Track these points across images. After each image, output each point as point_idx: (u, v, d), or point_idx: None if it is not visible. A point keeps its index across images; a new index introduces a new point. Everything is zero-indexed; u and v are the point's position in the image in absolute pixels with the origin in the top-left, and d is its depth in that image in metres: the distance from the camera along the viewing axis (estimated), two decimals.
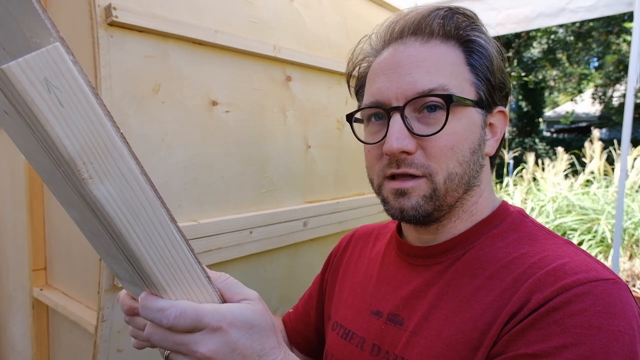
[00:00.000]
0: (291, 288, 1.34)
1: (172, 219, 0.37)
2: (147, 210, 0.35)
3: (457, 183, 0.56)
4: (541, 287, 0.47)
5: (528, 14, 2.48)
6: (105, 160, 0.32)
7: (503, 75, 0.59)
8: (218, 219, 1.04)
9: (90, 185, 0.31)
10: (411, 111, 0.56)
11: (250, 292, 0.44)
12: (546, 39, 9.98)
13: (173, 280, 0.38)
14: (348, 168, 1.48)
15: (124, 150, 0.33)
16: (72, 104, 0.30)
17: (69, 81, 0.29)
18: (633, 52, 2.09)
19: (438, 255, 0.60)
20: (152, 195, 0.35)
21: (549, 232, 0.58)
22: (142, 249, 0.35)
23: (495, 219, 0.60)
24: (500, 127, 0.62)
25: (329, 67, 1.34)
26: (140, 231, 0.35)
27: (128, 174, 0.33)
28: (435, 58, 0.56)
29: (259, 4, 1.14)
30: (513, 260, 0.53)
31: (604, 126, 10.45)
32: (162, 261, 0.37)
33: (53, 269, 1.21)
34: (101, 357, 0.89)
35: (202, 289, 0.40)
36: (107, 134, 0.32)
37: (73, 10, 1.01)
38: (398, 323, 0.60)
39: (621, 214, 2.21)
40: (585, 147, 4.98)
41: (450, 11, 0.58)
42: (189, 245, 0.38)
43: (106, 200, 0.32)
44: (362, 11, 1.59)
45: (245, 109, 1.10)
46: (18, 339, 1.35)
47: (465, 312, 0.53)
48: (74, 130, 0.30)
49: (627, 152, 2.25)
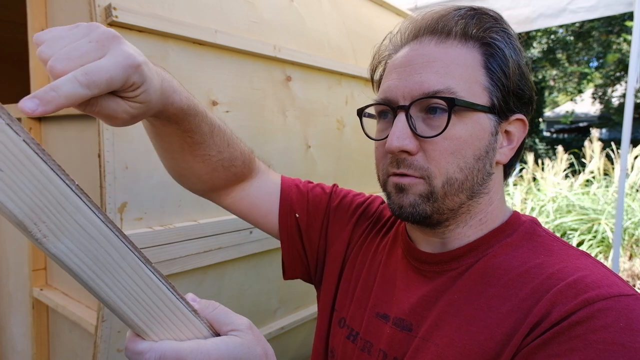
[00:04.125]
0: (291, 288, 1.34)
1: (146, 260, 0.36)
2: (115, 258, 0.34)
3: (457, 188, 0.55)
4: (562, 300, 0.46)
5: (528, 14, 2.48)
6: (59, 216, 0.30)
7: (522, 80, 0.56)
8: (218, 219, 1.04)
9: (46, 245, 0.30)
10: (417, 111, 0.55)
11: (241, 321, 0.42)
12: (546, 38, 9.98)
13: (153, 321, 0.37)
14: (348, 168, 1.48)
15: (79, 202, 0.31)
16: (11, 166, 0.28)
17: (4, 143, 0.27)
18: (633, 52, 2.09)
19: (449, 262, 0.59)
20: (119, 242, 0.34)
21: (563, 242, 0.56)
22: (113, 297, 0.34)
23: (509, 228, 0.58)
24: (518, 135, 0.59)
25: (329, 67, 1.34)
26: (109, 280, 0.34)
27: (88, 225, 0.32)
28: (448, 59, 0.54)
29: (259, 4, 1.14)
30: (529, 270, 0.52)
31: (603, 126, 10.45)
32: (138, 305, 0.36)
33: (53, 269, 1.21)
34: (101, 357, 0.89)
35: (187, 324, 0.39)
36: (57, 189, 0.30)
37: (73, 10, 1.01)
38: (406, 329, 0.59)
39: (621, 214, 2.21)
40: (585, 147, 4.98)
41: (473, 11, 0.56)
42: (167, 282, 0.37)
43: (67, 256, 0.31)
44: (362, 11, 1.59)
45: (245, 109, 1.10)
46: (18, 339, 1.35)
47: (480, 320, 0.52)
48: (17, 192, 0.28)
49: (627, 152, 2.25)
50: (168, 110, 0.52)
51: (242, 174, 0.73)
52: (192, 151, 0.63)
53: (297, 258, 0.78)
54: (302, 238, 0.77)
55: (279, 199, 0.77)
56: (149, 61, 0.45)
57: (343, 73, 1.41)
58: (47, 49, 0.37)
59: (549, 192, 4.47)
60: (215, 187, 0.72)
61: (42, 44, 0.37)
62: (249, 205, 0.76)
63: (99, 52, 0.38)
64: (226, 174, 0.70)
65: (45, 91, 0.33)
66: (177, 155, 0.65)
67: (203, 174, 0.68)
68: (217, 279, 1.09)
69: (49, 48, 0.37)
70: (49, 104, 0.32)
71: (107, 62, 0.37)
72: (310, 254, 0.78)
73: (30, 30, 1.12)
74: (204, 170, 0.67)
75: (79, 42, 0.37)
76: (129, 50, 0.40)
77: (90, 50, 0.37)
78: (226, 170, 0.69)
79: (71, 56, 0.36)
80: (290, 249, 0.78)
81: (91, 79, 0.35)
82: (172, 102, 0.52)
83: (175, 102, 0.53)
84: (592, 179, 4.62)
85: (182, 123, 0.57)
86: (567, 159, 4.97)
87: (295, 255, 0.78)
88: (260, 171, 0.77)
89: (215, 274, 1.08)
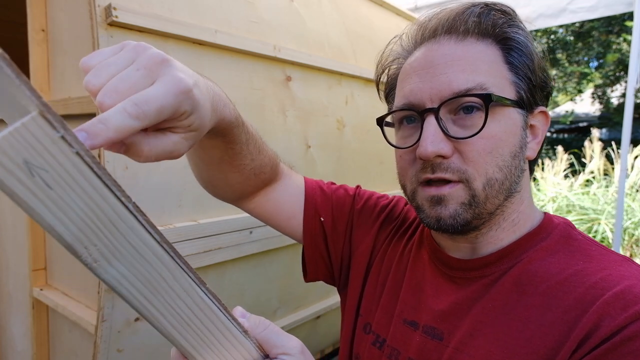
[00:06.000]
0: (291, 288, 1.34)
1: (200, 282, 0.34)
2: (169, 281, 0.32)
3: (497, 189, 0.52)
4: (611, 313, 0.44)
5: (528, 14, 2.48)
6: (112, 238, 0.28)
7: (544, 73, 0.56)
8: (218, 219, 1.04)
9: (97, 270, 0.28)
10: (446, 112, 0.53)
11: (292, 343, 0.40)
12: (546, 38, 9.98)
13: (202, 345, 0.35)
14: (348, 168, 1.48)
15: (134, 222, 0.29)
16: (62, 182, 0.25)
17: (56, 157, 0.24)
18: (633, 52, 2.09)
19: (481, 268, 0.56)
20: (173, 264, 0.32)
21: (602, 246, 0.54)
22: (163, 322, 0.32)
23: (542, 231, 0.56)
24: (542, 128, 0.57)
25: (329, 67, 1.34)
26: (160, 305, 0.32)
27: (141, 247, 0.30)
28: (472, 56, 0.52)
29: (259, 4, 1.14)
30: (569, 278, 0.50)
31: (603, 126, 10.44)
32: (188, 329, 0.34)
33: (53, 269, 1.21)
34: (101, 357, 0.89)
35: (236, 346, 0.37)
36: (111, 208, 0.27)
37: (73, 10, 1.01)
38: (437, 337, 0.56)
39: (621, 214, 2.21)
40: (585, 147, 4.98)
41: (487, 7, 0.55)
42: (219, 302, 0.36)
43: (117, 282, 0.29)
44: (362, 11, 1.59)
45: (245, 109, 1.09)
46: (18, 339, 1.35)
47: (518, 332, 0.50)
48: (68, 212, 0.26)
49: (627, 152, 2.25)
50: (219, 125, 0.49)
51: (269, 179, 0.71)
52: (231, 162, 0.61)
53: (321, 261, 0.76)
54: (326, 241, 0.75)
55: (304, 202, 0.74)
56: (199, 77, 0.42)
57: (343, 73, 1.41)
58: (95, 78, 0.34)
59: (549, 192, 4.47)
60: (244, 194, 0.70)
61: (88, 72, 0.35)
62: (272, 209, 0.74)
63: (148, 79, 0.35)
64: (256, 181, 0.68)
65: (94, 124, 0.30)
66: (214, 167, 0.62)
67: (235, 183, 0.65)
68: (217, 279, 1.09)
69: (97, 77, 0.34)
70: (97, 137, 0.30)
71: (157, 90, 0.35)
72: (335, 258, 0.76)
73: (30, 31, 1.12)
74: (237, 180, 0.65)
75: (127, 71, 0.35)
76: (179, 75, 0.37)
77: (139, 80, 0.35)
78: (257, 177, 0.67)
79: (119, 89, 0.33)
80: (314, 252, 0.76)
81: (140, 110, 0.33)
82: (223, 117, 0.49)
83: (226, 117, 0.50)
84: (592, 179, 4.62)
85: (228, 136, 0.54)
86: (567, 159, 4.97)
87: (318, 258, 0.76)
88: (284, 174, 0.75)
89: (215, 274, 1.08)
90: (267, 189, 0.72)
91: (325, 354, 1.65)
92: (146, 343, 0.97)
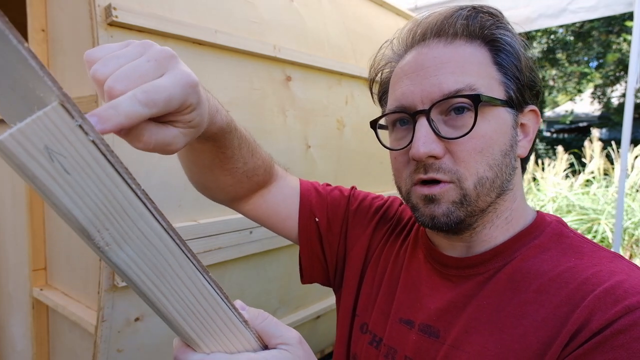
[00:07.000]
0: (291, 288, 1.34)
1: (203, 270, 0.35)
2: (174, 267, 0.33)
3: (488, 187, 0.54)
4: (601, 307, 0.45)
5: (528, 14, 2.49)
6: (122, 223, 0.29)
7: (532, 72, 0.57)
8: (218, 219, 1.04)
9: (108, 253, 0.29)
10: (437, 114, 0.54)
11: (291, 334, 0.41)
12: (546, 38, 9.97)
13: (205, 332, 0.36)
14: (348, 168, 1.48)
15: (143, 209, 0.30)
16: (79, 168, 0.27)
17: (74, 144, 0.26)
18: (633, 52, 2.09)
19: (476, 266, 0.58)
20: (178, 251, 0.33)
21: (593, 243, 0.55)
22: (168, 307, 0.34)
23: (535, 229, 0.57)
24: (533, 126, 0.59)
25: (329, 67, 1.34)
26: (166, 289, 0.33)
27: (150, 233, 0.31)
28: (461, 58, 0.54)
29: (259, 4, 1.14)
30: (561, 274, 0.51)
31: (603, 126, 10.44)
32: (191, 315, 0.35)
33: (53, 269, 1.21)
34: (101, 357, 0.89)
35: (237, 336, 0.38)
36: (122, 194, 0.29)
37: (73, 10, 1.01)
38: (433, 335, 0.58)
39: (621, 214, 2.21)
40: (585, 147, 4.98)
41: (474, 10, 0.56)
42: (221, 291, 0.37)
43: (127, 265, 0.31)
44: (362, 11, 1.59)
45: (245, 109, 1.10)
46: (18, 338, 1.35)
47: (513, 328, 0.51)
48: (83, 197, 0.27)
49: (627, 152, 2.25)
50: (210, 130, 0.51)
51: (263, 181, 0.71)
52: (222, 165, 0.62)
53: (316, 262, 0.77)
54: (321, 242, 0.76)
55: (299, 203, 0.75)
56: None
57: (343, 73, 1.41)
58: (103, 67, 0.35)
59: (549, 192, 4.47)
60: (237, 196, 0.71)
61: (95, 62, 0.35)
62: (267, 211, 0.75)
63: (158, 71, 0.36)
64: (249, 183, 0.69)
65: (105, 109, 0.31)
66: (206, 170, 0.63)
67: (227, 186, 0.67)
68: (218, 279, 1.09)
69: (105, 67, 0.35)
70: (108, 122, 0.31)
71: (166, 81, 0.36)
72: (330, 258, 0.77)
73: (30, 31, 1.12)
74: (229, 182, 0.66)
75: (138, 61, 0.36)
76: (187, 70, 0.38)
77: (149, 70, 0.35)
78: (249, 180, 0.68)
79: (131, 76, 0.34)
80: (309, 253, 0.76)
81: (150, 97, 0.34)
82: (215, 122, 0.50)
83: (217, 122, 0.51)
84: (592, 179, 4.62)
85: (219, 140, 0.56)
86: (567, 159, 4.97)
87: (314, 259, 0.77)
88: (279, 176, 0.76)
89: (215, 274, 1.08)
90: (262, 190, 0.73)
91: (325, 353, 1.66)
92: (146, 343, 0.97)
